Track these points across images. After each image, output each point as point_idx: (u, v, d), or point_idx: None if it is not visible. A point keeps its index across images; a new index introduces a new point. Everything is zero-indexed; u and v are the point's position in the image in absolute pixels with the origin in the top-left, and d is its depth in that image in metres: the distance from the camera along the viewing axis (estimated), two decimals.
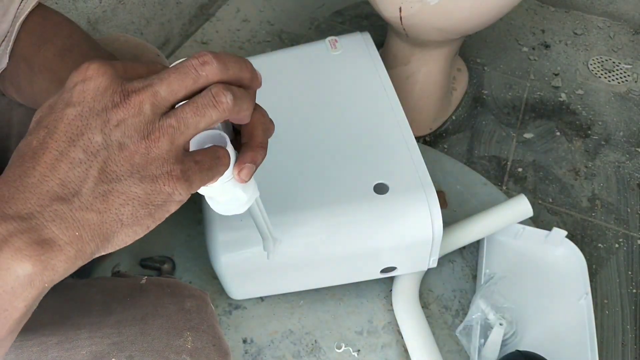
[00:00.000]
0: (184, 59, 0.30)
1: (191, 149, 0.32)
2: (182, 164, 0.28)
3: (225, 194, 0.36)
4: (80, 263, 0.27)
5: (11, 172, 0.26)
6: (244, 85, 0.31)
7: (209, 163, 0.30)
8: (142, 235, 0.29)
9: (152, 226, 0.29)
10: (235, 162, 0.33)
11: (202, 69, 0.28)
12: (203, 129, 0.29)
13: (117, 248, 0.28)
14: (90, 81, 0.27)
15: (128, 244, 0.29)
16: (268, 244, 0.50)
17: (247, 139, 0.34)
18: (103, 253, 0.28)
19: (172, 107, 0.28)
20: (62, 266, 0.26)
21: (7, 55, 0.46)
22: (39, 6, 0.47)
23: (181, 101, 0.29)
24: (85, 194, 0.26)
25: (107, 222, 0.27)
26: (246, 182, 0.34)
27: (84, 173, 0.26)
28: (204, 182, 0.30)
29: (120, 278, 0.54)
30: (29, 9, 0.46)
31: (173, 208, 0.29)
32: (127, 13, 1.12)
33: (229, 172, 0.33)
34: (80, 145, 0.26)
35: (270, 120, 0.35)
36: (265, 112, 0.35)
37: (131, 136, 0.26)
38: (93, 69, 0.27)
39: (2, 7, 0.44)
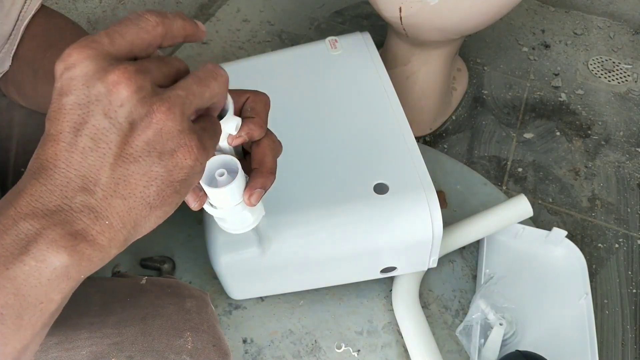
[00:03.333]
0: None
1: (203, 176, 0.32)
2: (196, 133, 0.27)
3: (234, 216, 0.37)
4: (115, 252, 0.27)
5: (31, 165, 0.26)
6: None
7: (212, 128, 0.30)
8: (171, 213, 0.28)
9: (179, 203, 0.28)
10: (246, 186, 0.34)
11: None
12: (207, 101, 0.28)
13: (149, 230, 0.28)
14: (76, 68, 0.25)
15: (159, 224, 0.28)
16: (263, 242, 0.52)
17: (257, 164, 0.34)
18: (137, 238, 0.28)
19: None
20: (97, 256, 0.26)
21: (10, 58, 0.46)
22: (42, 8, 0.47)
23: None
24: (105, 181, 0.25)
25: (136, 208, 0.26)
26: (255, 206, 0.35)
27: (99, 161, 0.25)
28: (214, 148, 0.29)
29: (121, 278, 0.54)
30: (32, 11, 0.46)
31: (195, 180, 0.28)
32: (127, 13, 1.12)
33: (239, 196, 0.34)
34: (86, 134, 0.25)
35: (279, 142, 0.36)
36: (275, 135, 0.36)
37: (139, 112, 0.25)
38: (76, 54, 0.25)
39: (3, 9, 0.44)
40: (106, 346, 0.42)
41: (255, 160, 0.35)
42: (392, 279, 0.87)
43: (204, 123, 0.29)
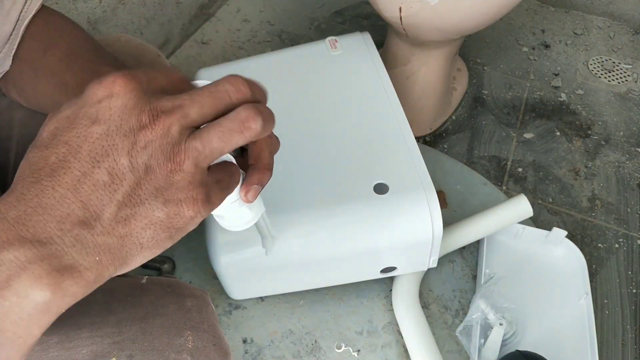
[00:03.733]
0: (207, 82, 0.29)
1: None
2: (206, 187, 0.27)
3: (232, 213, 0.37)
4: (97, 286, 0.26)
5: (26, 189, 0.25)
6: None
7: (227, 181, 0.30)
8: (158, 254, 0.28)
9: (169, 246, 0.28)
10: (242, 183, 0.34)
11: (236, 97, 0.28)
12: (229, 150, 0.28)
13: (134, 268, 0.28)
14: (118, 98, 0.26)
15: (144, 262, 0.28)
16: (267, 242, 0.51)
17: (254, 160, 0.34)
18: (119, 274, 0.28)
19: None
20: (80, 291, 0.25)
21: (10, 58, 0.46)
22: (42, 8, 0.47)
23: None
24: (107, 218, 0.25)
25: (127, 246, 0.26)
26: (252, 202, 0.35)
27: (108, 196, 0.25)
28: (222, 201, 0.30)
29: (121, 278, 0.54)
30: (33, 12, 0.46)
31: (191, 228, 0.29)
32: (127, 13, 1.12)
33: (235, 193, 0.34)
34: (105, 167, 0.25)
35: (276, 139, 0.35)
36: (272, 132, 0.35)
37: (157, 159, 0.26)
38: (120, 85, 0.26)
39: (3, 9, 0.44)
40: (107, 345, 0.42)
41: (252, 157, 0.34)
42: (392, 279, 0.87)
43: (221, 174, 0.29)
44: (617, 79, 1.28)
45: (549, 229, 0.89)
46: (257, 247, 0.70)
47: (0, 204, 0.25)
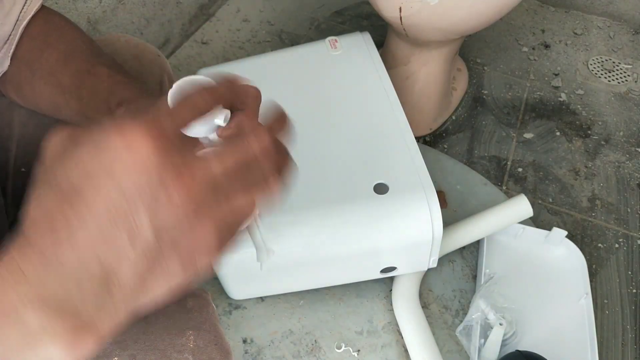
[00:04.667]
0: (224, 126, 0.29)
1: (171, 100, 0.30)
2: (223, 249, 0.27)
3: None
4: (109, 337, 0.26)
5: (41, 240, 0.24)
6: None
7: (232, 244, 0.30)
8: None
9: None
10: None
11: (258, 148, 0.27)
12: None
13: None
14: (137, 153, 0.23)
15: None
16: (262, 254, 0.50)
17: None
18: None
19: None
20: (96, 347, 0.25)
21: (9, 58, 0.46)
22: (42, 9, 0.47)
23: None
24: (127, 281, 0.24)
25: (143, 304, 0.26)
26: None
27: (128, 258, 0.24)
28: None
29: None
30: (32, 12, 0.46)
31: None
32: (127, 13, 1.12)
33: None
34: (124, 228, 0.23)
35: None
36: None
37: (179, 220, 0.24)
38: (140, 137, 0.23)
39: (3, 9, 0.44)
40: (108, 344, 0.42)
41: None
42: (392, 279, 0.87)
43: (232, 238, 0.29)
44: (617, 79, 1.28)
45: (549, 229, 0.89)
46: (256, 261, 0.70)
47: (16, 253, 0.24)
